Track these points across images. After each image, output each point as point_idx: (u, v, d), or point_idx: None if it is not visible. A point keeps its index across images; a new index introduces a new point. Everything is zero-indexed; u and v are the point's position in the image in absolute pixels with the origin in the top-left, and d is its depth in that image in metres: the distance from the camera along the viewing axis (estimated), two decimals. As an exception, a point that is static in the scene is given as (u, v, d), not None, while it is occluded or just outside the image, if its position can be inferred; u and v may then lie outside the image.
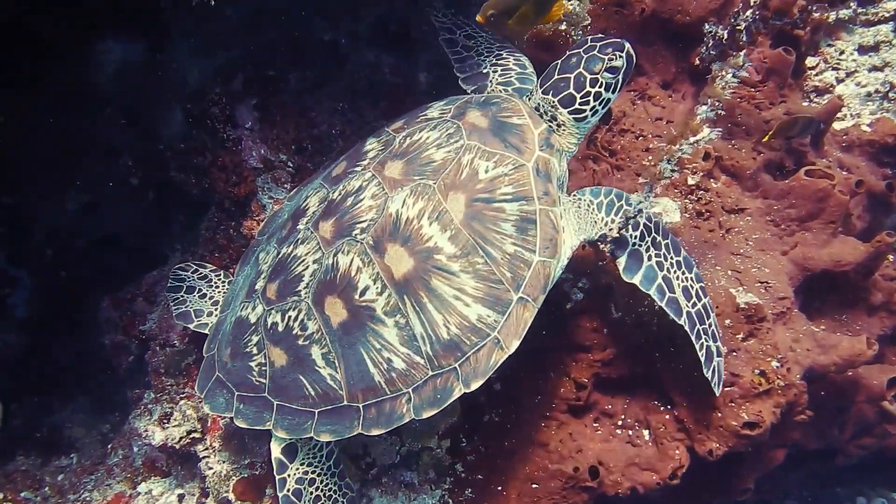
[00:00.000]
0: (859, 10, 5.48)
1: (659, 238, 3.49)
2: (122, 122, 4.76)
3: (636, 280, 3.45)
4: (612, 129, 4.44)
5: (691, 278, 3.51)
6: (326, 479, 3.60)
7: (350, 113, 4.81)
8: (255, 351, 3.58)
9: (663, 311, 3.55)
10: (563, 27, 4.38)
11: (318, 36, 5.08)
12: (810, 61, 5.21)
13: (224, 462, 4.38)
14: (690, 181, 4.31)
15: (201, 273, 4.35)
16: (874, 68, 5.36)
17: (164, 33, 4.84)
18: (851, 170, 4.90)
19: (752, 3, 4.02)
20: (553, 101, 3.56)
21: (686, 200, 4.34)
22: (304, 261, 3.48)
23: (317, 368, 3.40)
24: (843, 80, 5.32)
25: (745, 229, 4.29)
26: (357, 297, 3.28)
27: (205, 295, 4.27)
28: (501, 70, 4.14)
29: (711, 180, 4.41)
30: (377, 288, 3.26)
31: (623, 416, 4.13)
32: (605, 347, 4.04)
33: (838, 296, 4.47)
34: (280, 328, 3.48)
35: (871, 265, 4.28)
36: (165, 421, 4.60)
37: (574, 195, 3.54)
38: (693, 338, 3.44)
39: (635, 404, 4.12)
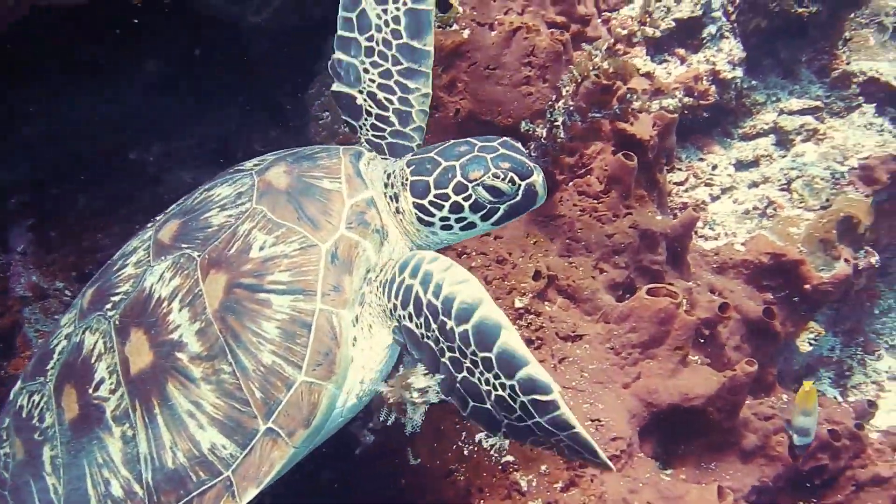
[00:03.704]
0: (738, 124, 5.35)
1: None
2: None
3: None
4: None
5: None
6: None
7: (148, 235, 4.50)
8: (4, 436, 3.05)
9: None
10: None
11: (122, 155, 4.87)
12: (678, 176, 5.01)
13: None
14: (518, 304, 3.96)
15: None
16: (753, 184, 5.17)
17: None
18: (724, 293, 4.61)
19: (564, 93, 3.81)
20: (407, 177, 2.88)
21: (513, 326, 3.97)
22: (59, 333, 3.03)
23: (44, 474, 2.85)
24: (718, 197, 5.11)
25: (581, 358, 3.93)
26: (91, 390, 2.78)
27: None
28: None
29: (545, 303, 4.07)
30: (111, 383, 2.76)
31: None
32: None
33: (705, 439, 4.05)
34: (24, 413, 2.96)
35: (732, 400, 3.90)
36: None
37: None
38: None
39: (446, 576, 3.58)
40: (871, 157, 5.02)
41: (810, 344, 4.87)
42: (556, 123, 3.95)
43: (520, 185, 2.76)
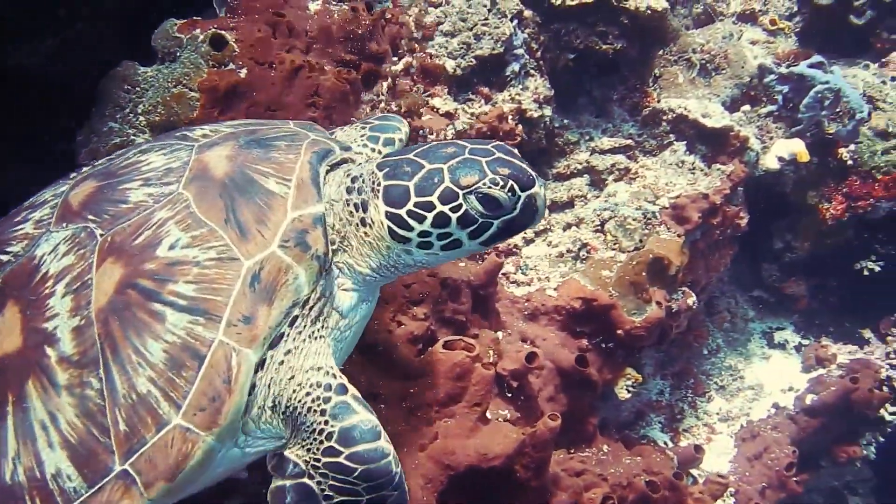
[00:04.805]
0: (552, 164, 5.31)
1: None
2: None
3: None
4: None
5: None
6: None
7: None
8: None
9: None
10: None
11: None
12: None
13: None
14: (306, 364, 3.72)
15: None
16: (567, 226, 5.11)
17: None
18: (536, 342, 4.51)
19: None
20: (378, 181, 2.47)
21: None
22: None
23: None
24: (531, 240, 5.03)
25: (375, 421, 3.68)
26: None
27: None
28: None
29: (338, 362, 3.84)
30: None
31: None
32: None
33: (514, 500, 3.89)
34: None
35: (537, 457, 3.75)
36: None
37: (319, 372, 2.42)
38: None
39: None
40: (682, 196, 5.06)
41: (628, 391, 4.80)
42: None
43: (519, 197, 2.39)
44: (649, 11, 5.24)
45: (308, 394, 2.36)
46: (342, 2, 4.46)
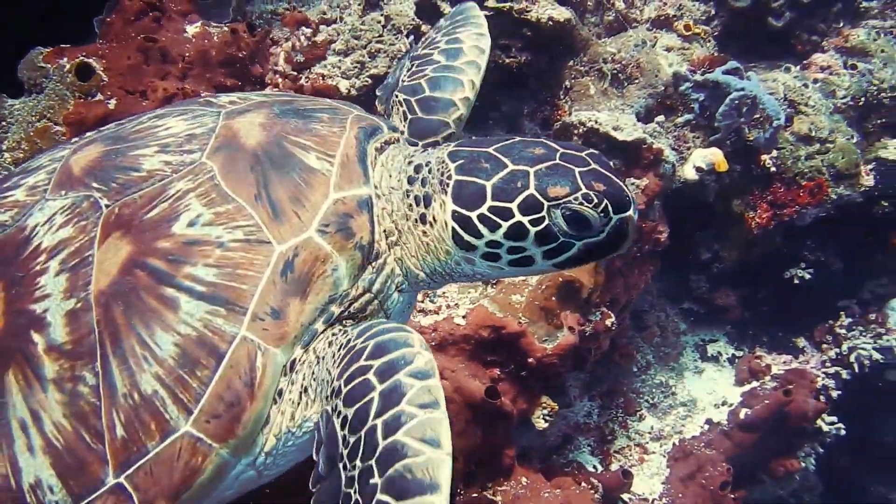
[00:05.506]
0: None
1: None
2: None
3: None
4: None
5: None
6: None
7: None
8: None
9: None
10: None
11: None
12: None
13: None
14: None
15: None
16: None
17: None
18: (444, 374, 4.36)
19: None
20: (449, 174, 2.16)
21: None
22: None
23: None
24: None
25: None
26: None
27: None
28: (420, 63, 2.81)
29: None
30: None
31: None
32: None
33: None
34: None
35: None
36: None
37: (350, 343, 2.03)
38: None
39: None
40: (594, 214, 4.90)
41: (545, 420, 4.65)
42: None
43: (611, 219, 2.07)
44: (551, 22, 5.11)
45: (330, 341, 2.07)
46: (222, 24, 4.29)
